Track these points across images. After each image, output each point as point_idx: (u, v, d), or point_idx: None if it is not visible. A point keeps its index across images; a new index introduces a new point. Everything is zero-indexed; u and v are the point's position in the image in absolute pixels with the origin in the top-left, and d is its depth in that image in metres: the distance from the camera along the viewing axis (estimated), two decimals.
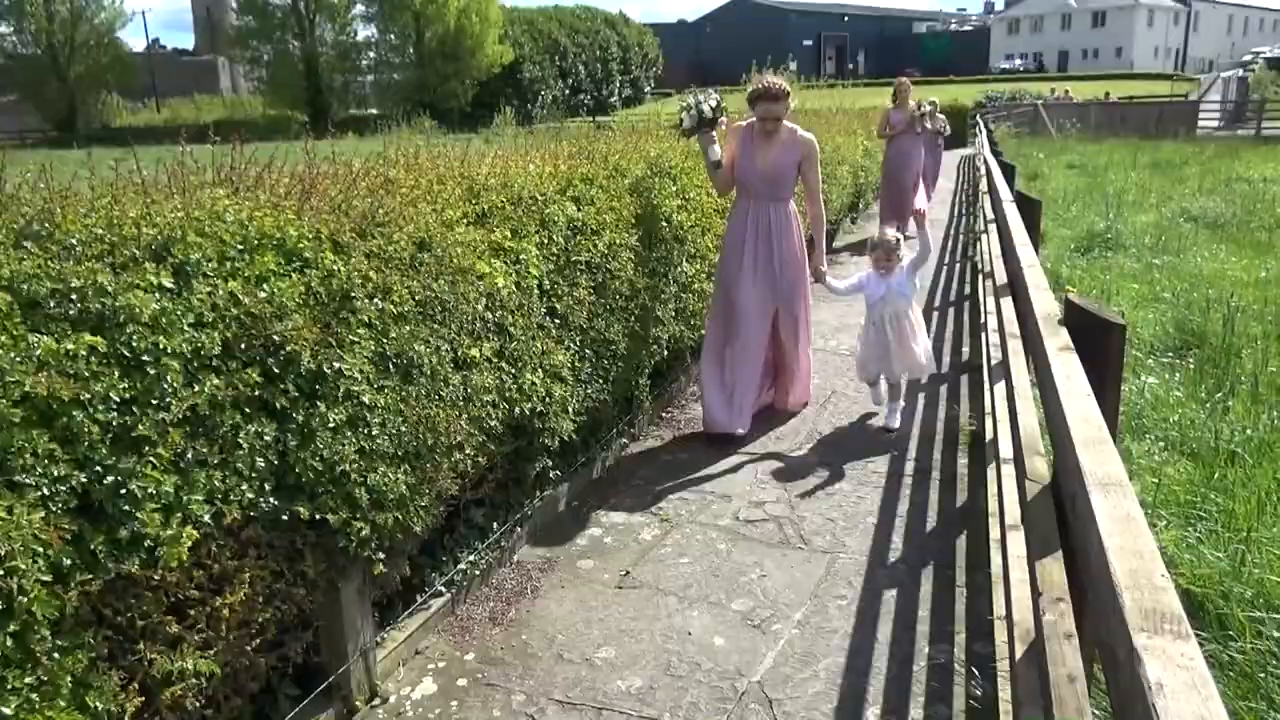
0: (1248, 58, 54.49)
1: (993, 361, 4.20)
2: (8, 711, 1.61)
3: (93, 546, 1.75)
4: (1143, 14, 76.36)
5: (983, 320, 5.90)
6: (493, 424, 3.06)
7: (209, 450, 2.00)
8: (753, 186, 4.58)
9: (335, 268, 2.39)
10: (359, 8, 52.46)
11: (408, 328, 2.62)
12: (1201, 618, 2.72)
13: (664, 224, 4.67)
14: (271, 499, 2.17)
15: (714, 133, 4.61)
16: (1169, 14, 78.83)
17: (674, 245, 4.78)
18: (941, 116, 13.50)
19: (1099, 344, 1.85)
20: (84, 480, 1.74)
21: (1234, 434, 4.03)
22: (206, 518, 1.98)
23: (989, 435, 4.04)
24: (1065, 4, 79.58)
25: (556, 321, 3.56)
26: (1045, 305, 2.28)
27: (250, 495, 2.10)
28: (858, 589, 3.26)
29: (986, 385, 4.47)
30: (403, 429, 2.58)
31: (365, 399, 2.43)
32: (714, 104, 4.57)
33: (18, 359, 1.65)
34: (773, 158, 4.53)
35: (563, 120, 42.68)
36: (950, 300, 7.90)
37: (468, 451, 2.92)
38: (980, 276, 7.40)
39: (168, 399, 1.90)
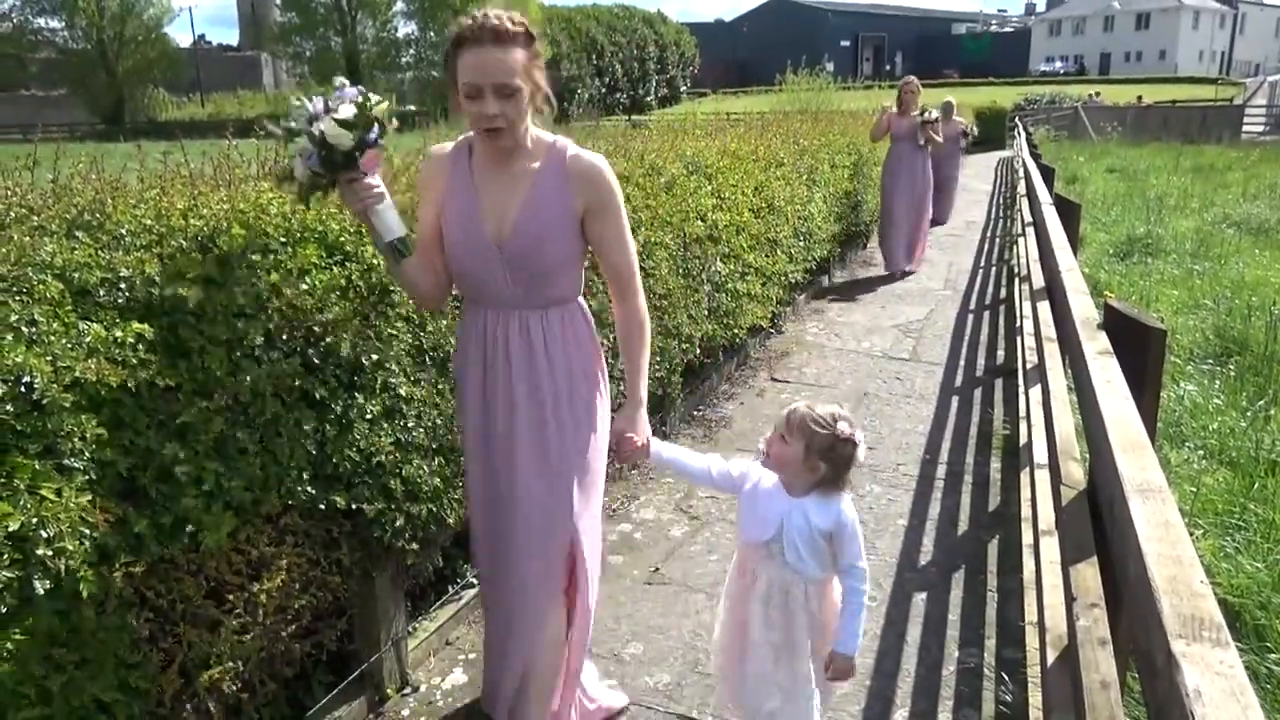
0: None
1: (1028, 365, 4.14)
2: (54, 689, 1.65)
3: (137, 530, 1.78)
4: (1188, 16, 74.85)
5: (1018, 324, 5.84)
6: None
7: (250, 439, 2.03)
8: (483, 280, 2.13)
9: (375, 261, 2.42)
10: (400, 5, 53.05)
11: (444, 322, 2.64)
12: (1239, 628, 2.67)
13: (699, 223, 4.66)
14: (309, 488, 2.20)
15: (371, 179, 1.99)
16: (1215, 16, 77.16)
17: (708, 244, 4.78)
18: (961, 120, 11.88)
19: (1139, 348, 1.82)
20: (130, 465, 1.77)
21: (1275, 443, 3.95)
22: (246, 505, 2.01)
23: (1023, 439, 4.00)
24: (1108, 5, 78.23)
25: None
26: (1084, 309, 2.24)
27: (289, 484, 2.13)
28: (887, 591, 3.24)
29: (1021, 389, 4.42)
30: (438, 422, 2.60)
31: (402, 391, 2.46)
32: (350, 115, 1.91)
33: (69, 345, 1.69)
34: (522, 211, 2.09)
35: (599, 119, 42.79)
36: (985, 304, 7.81)
37: None
38: (1016, 280, 7.30)
39: (211, 387, 1.94)
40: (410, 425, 2.50)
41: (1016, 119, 25.25)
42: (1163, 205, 11.74)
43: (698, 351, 4.77)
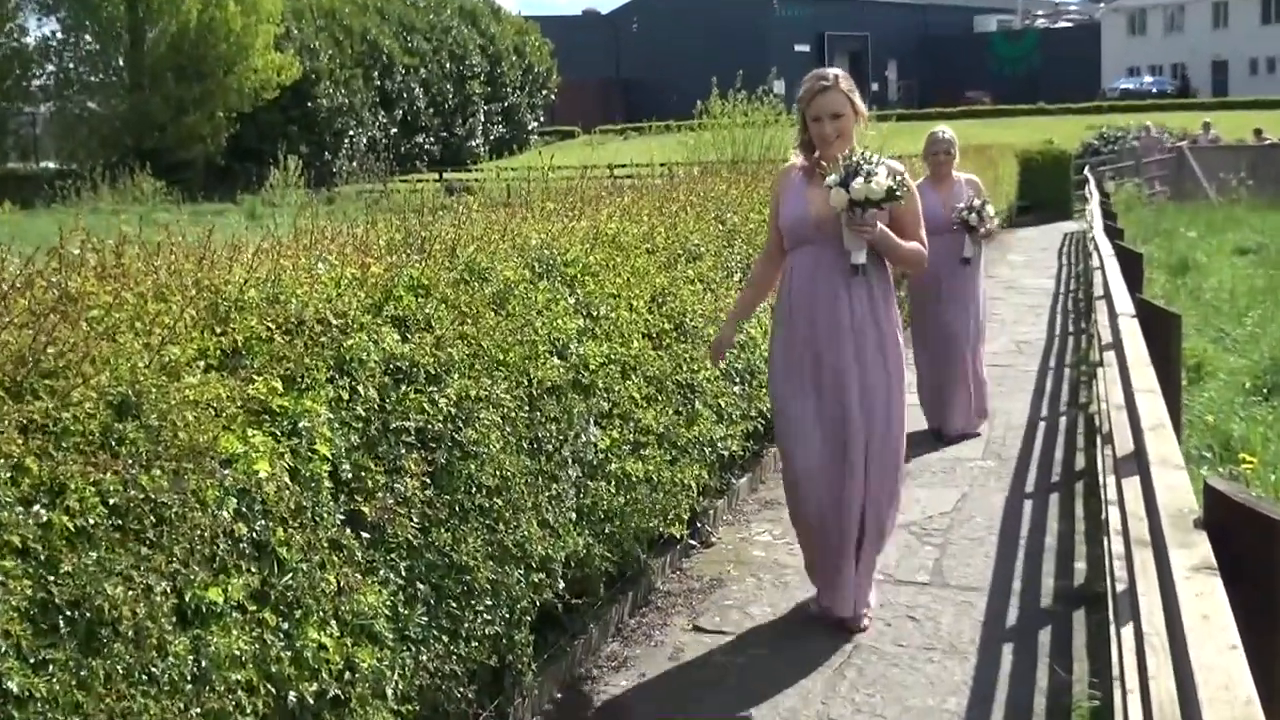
0: None
1: (1118, 587, 4.33)
2: None
3: None
4: None
5: (1104, 515, 6.09)
6: None
7: None
8: None
9: None
10: None
11: (94, 555, 2.62)
12: None
13: (555, 360, 4.80)
14: None
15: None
16: None
17: (574, 397, 4.90)
18: (978, 201, 9.09)
19: (1259, 560, 1.97)
20: None
21: None
22: None
23: (1118, 713, 4.13)
24: None
25: (364, 535, 3.59)
26: (1175, 494, 2.41)
27: None
28: None
29: (1112, 628, 4.59)
30: None
31: (13, 684, 2.41)
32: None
33: None
34: None
35: (388, 179, 43.42)
36: (1053, 481, 8.15)
37: None
38: (1099, 439, 7.65)
39: None
40: None
41: (1086, 170, 26.94)
42: None
43: (561, 586, 4.79)
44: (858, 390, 5.44)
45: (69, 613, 2.57)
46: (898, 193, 5.22)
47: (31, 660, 2.48)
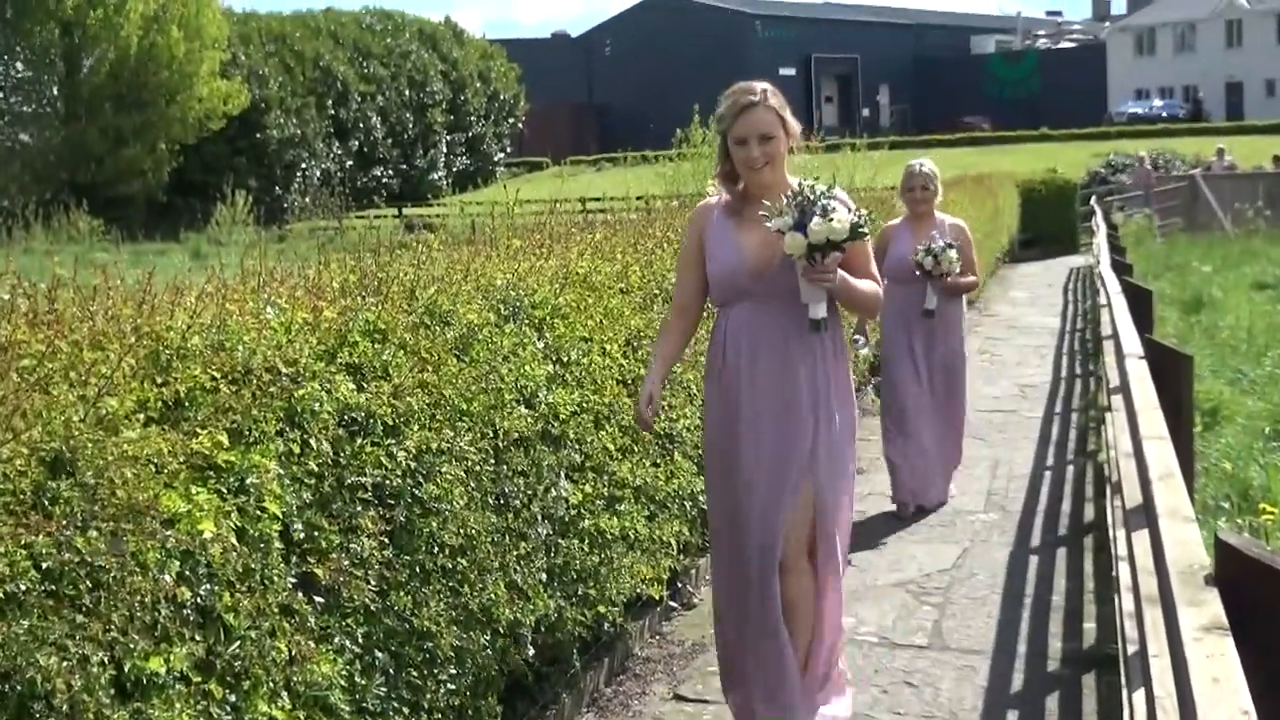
0: None
1: (1129, 650, 4.35)
2: None
3: None
4: None
5: (1114, 571, 6.10)
6: None
7: None
8: None
9: None
10: None
11: (25, 623, 2.61)
12: None
13: (523, 410, 4.80)
14: None
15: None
16: None
17: (542, 449, 4.90)
18: (939, 243, 8.29)
19: (1272, 617, 1.98)
20: None
21: None
22: None
23: None
24: (1232, 4, 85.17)
25: (318, 600, 3.58)
26: (1185, 548, 2.43)
27: None
28: None
29: (1124, 695, 4.60)
30: None
31: None
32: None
33: None
34: None
35: (343, 215, 43.25)
36: (1060, 535, 8.15)
37: None
38: (1108, 490, 7.65)
39: None
40: None
41: (1093, 200, 27.09)
42: None
43: (530, 653, 4.78)
44: (795, 479, 4.83)
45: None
46: (862, 228, 4.64)
47: None
